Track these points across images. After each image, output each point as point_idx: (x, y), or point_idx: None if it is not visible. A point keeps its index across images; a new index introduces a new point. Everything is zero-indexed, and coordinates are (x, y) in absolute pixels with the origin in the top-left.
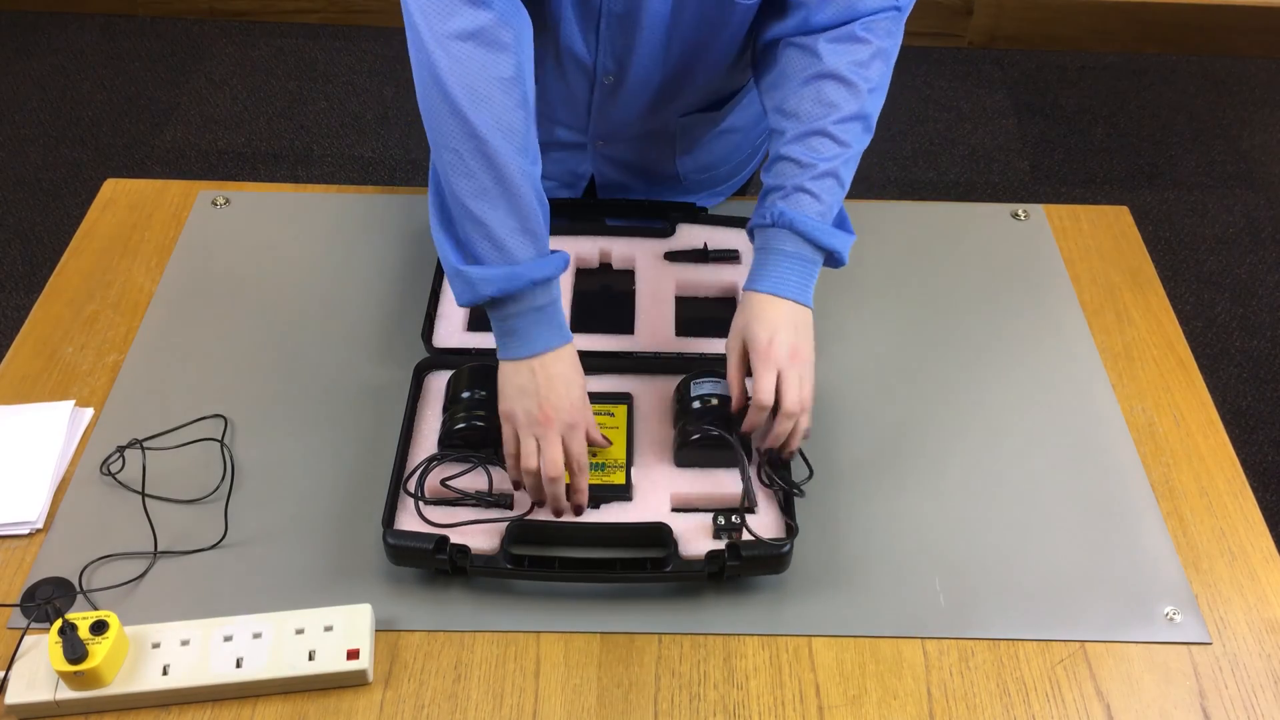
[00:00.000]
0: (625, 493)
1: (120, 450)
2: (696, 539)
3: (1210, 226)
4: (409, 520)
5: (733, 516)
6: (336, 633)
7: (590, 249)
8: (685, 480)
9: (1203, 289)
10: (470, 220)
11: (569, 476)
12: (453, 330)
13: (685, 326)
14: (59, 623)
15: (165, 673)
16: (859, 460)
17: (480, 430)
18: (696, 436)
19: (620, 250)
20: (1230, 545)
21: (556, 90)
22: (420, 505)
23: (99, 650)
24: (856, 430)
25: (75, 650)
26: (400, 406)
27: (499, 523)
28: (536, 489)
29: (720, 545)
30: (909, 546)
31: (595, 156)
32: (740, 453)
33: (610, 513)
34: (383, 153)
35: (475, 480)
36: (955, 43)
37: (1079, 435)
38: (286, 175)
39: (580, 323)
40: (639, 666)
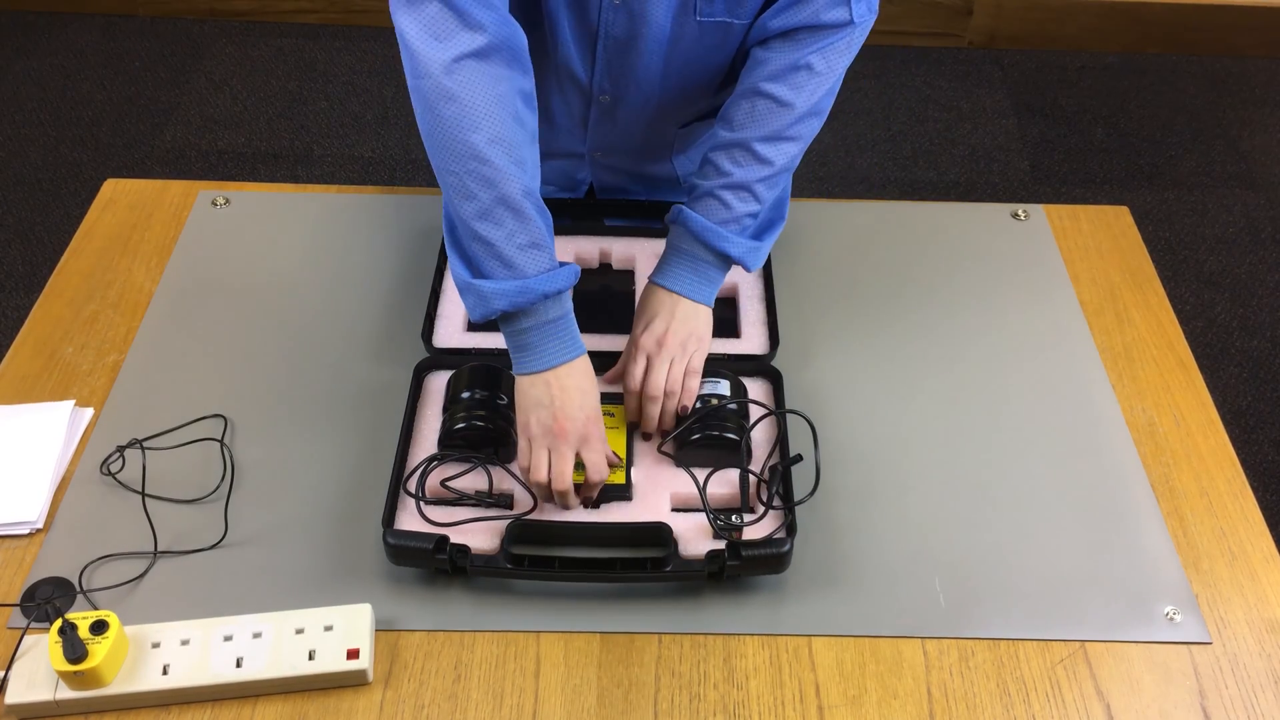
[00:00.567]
0: (625, 493)
1: (120, 450)
2: (696, 539)
3: (1210, 226)
4: (409, 520)
5: (732, 516)
6: (336, 632)
7: (590, 249)
8: (685, 480)
9: (1203, 289)
10: (477, 240)
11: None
12: (453, 330)
13: None
14: (59, 622)
15: (165, 673)
16: (859, 460)
17: (480, 430)
18: (696, 436)
19: (620, 250)
20: (1230, 545)
21: (554, 106)
22: (420, 505)
23: (99, 650)
24: (856, 430)
25: (75, 650)
26: (400, 406)
27: (499, 522)
28: (547, 499)
29: (720, 545)
30: (909, 546)
31: (593, 165)
32: (740, 453)
33: (610, 513)
34: (383, 153)
35: (475, 480)
36: (955, 43)
37: (1079, 435)
38: (286, 175)
39: (580, 322)
40: (639, 666)
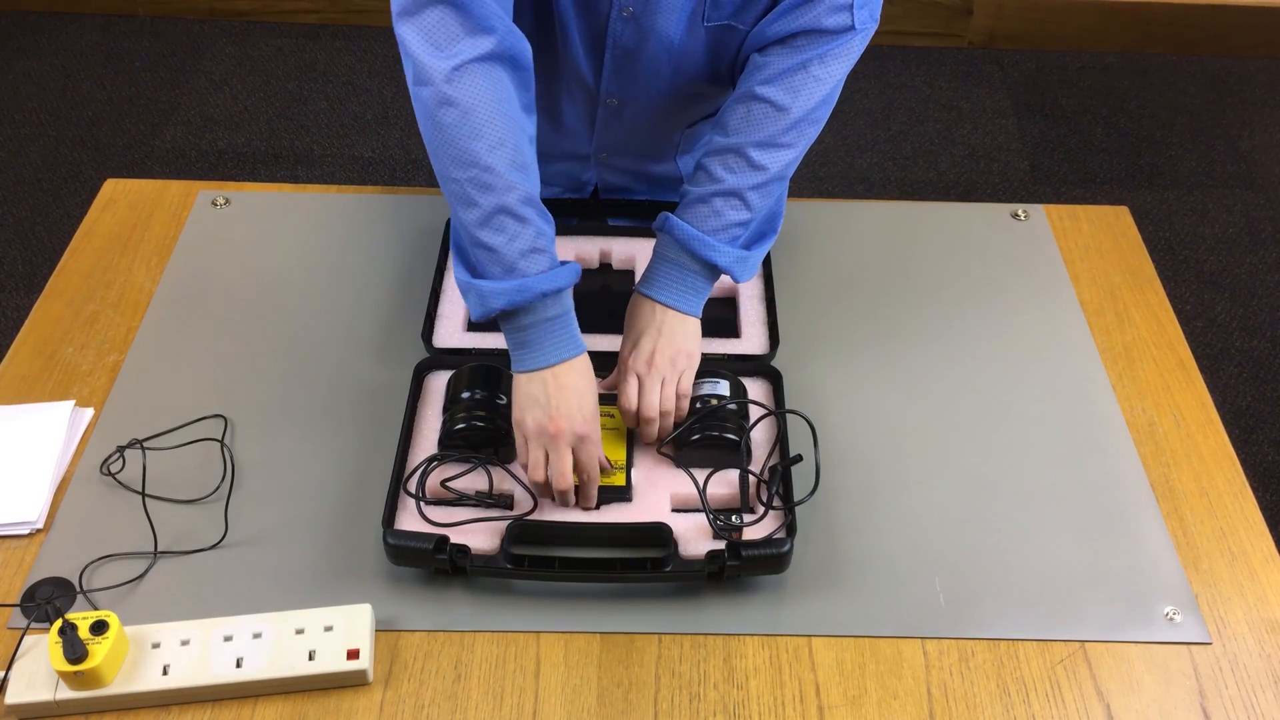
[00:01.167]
0: (625, 493)
1: (120, 450)
2: (696, 539)
3: (1210, 226)
4: (409, 520)
5: (732, 517)
6: (336, 633)
7: (591, 249)
8: (685, 480)
9: (1203, 289)
10: (478, 246)
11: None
12: (453, 330)
13: None
14: (59, 623)
15: (165, 673)
16: (859, 460)
17: (480, 430)
18: (696, 437)
19: (620, 250)
20: (1230, 545)
21: (560, 108)
22: (421, 505)
23: (99, 650)
24: (856, 430)
25: (75, 650)
26: (400, 406)
27: (499, 522)
28: (546, 497)
29: (720, 545)
30: (909, 546)
31: (599, 165)
32: (740, 453)
33: (610, 513)
34: (383, 153)
35: (475, 480)
36: (955, 43)
37: (1079, 435)
38: (286, 175)
39: (580, 322)
40: (639, 666)
